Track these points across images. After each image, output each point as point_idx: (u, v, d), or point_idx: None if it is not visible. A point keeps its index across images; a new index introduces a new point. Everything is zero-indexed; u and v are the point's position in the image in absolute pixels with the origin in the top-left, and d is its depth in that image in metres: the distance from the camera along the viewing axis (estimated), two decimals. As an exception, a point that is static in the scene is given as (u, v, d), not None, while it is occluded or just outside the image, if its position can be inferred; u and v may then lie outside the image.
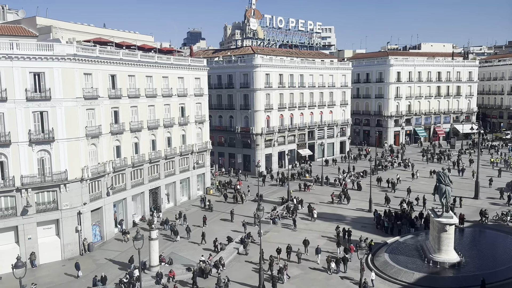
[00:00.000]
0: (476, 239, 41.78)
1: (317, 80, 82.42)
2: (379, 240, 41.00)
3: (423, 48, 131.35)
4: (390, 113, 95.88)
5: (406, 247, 39.08)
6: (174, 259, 38.52)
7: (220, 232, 44.50)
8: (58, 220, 40.14)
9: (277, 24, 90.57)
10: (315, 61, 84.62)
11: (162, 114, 53.49)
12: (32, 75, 37.93)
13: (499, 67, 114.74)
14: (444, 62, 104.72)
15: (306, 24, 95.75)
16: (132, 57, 48.55)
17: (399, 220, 44.94)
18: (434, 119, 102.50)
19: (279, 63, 75.48)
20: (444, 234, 35.01)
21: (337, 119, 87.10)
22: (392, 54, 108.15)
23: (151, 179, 52.37)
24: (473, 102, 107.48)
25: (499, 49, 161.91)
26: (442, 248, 35.14)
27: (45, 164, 39.00)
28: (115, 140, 46.17)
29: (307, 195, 57.60)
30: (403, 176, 65.53)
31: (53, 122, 38.84)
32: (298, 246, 38.80)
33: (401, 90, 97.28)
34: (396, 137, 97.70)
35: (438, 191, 36.82)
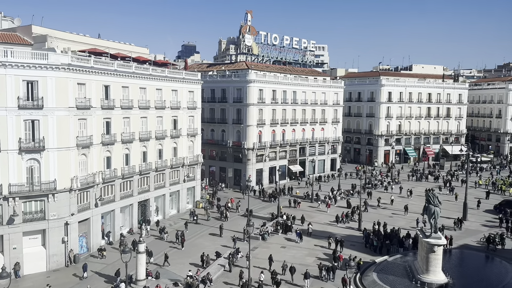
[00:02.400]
0: (464, 261, 41.86)
1: (309, 97, 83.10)
2: (367, 259, 40.87)
3: (414, 70, 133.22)
4: (380, 132, 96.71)
5: (395, 267, 38.98)
6: (161, 273, 38.08)
7: (209, 247, 44.11)
8: (44, 230, 39.56)
9: (271, 41, 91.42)
10: (308, 79, 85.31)
11: (155, 126, 53.38)
12: (25, 83, 37.73)
13: (488, 91, 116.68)
14: (434, 84, 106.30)
15: (300, 42, 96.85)
16: (126, 68, 48.56)
17: (388, 240, 44.98)
18: (423, 140, 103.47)
19: (273, 79, 76.00)
20: (432, 254, 35.04)
21: (329, 136, 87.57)
22: (384, 74, 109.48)
23: (141, 191, 51.97)
24: (463, 124, 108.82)
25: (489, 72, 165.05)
26: (430, 269, 35.13)
27: (34, 173, 38.58)
28: (106, 151, 45.90)
29: (297, 212, 57.44)
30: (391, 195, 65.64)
31: (44, 131, 38.55)
32: (287, 263, 38.41)
33: (392, 110, 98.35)
34: (386, 156, 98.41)
35: (427, 212, 36.98)
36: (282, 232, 49.99)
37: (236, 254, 41.71)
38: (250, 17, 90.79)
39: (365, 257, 41.25)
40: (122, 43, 60.71)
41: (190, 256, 42.20)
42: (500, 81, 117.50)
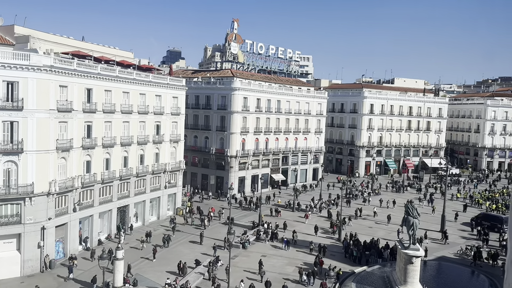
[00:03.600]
0: (441, 273, 42.28)
1: (293, 106, 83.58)
2: (347, 269, 41.01)
3: (396, 83, 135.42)
4: (362, 143, 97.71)
5: (373, 278, 39.17)
6: (139, 280, 37.51)
7: (188, 255, 43.67)
8: (20, 234, 38.67)
9: (257, 49, 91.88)
10: (293, 88, 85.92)
11: (137, 131, 52.94)
12: (5, 83, 37.04)
13: (468, 106, 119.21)
14: (415, 98, 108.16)
15: (285, 51, 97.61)
16: (110, 72, 48.14)
17: (367, 250, 45.21)
18: (404, 152, 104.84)
19: (257, 88, 76.26)
20: (410, 266, 35.28)
21: (311, 146, 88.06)
22: (367, 87, 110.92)
23: (120, 197, 51.32)
24: (442, 138, 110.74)
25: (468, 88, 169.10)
26: (408, 280, 35.34)
27: (11, 175, 37.82)
28: (86, 155, 45.27)
29: (278, 220, 57.35)
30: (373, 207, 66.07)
31: (23, 133, 37.85)
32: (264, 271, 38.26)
33: (374, 121, 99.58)
34: (367, 167, 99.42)
35: (406, 223, 37.34)
36: (269, 239, 49.87)
37: (216, 262, 41.34)
38: (236, 25, 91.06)
39: (344, 267, 41.40)
40: (107, 46, 60.08)
41: (169, 264, 41.64)
42: (479, 97, 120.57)
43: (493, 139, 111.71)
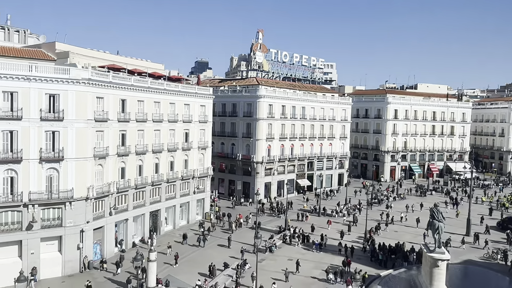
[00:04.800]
0: (468, 276, 41.56)
1: (318, 113, 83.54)
2: (372, 273, 40.79)
3: (419, 88, 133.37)
4: (387, 148, 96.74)
5: (399, 281, 38.85)
6: (171, 281, 38.25)
7: (217, 258, 44.20)
8: (61, 236, 40.14)
9: (282, 58, 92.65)
10: (317, 95, 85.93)
11: (167, 138, 54.00)
12: (48, 96, 38.72)
13: (492, 110, 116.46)
14: (439, 103, 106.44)
15: (309, 59, 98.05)
16: (142, 83, 49.52)
17: (393, 254, 44.87)
18: (428, 156, 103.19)
19: (282, 95, 76.65)
20: (436, 269, 34.97)
21: (336, 151, 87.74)
22: (390, 93, 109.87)
23: (152, 202, 52.43)
24: (466, 142, 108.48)
25: (491, 92, 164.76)
26: (434, 283, 35.00)
27: (53, 181, 39.32)
28: (121, 161, 46.59)
29: (305, 225, 57.48)
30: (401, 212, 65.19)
31: (63, 141, 39.39)
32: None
33: (398, 127, 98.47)
34: (392, 172, 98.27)
35: (431, 227, 37.04)
36: (301, 242, 50.25)
37: (244, 265, 41.84)
38: (261, 36, 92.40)
39: (370, 270, 41.19)
40: (139, 59, 61.81)
41: (199, 266, 42.32)
42: (503, 101, 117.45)
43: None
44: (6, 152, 36.92)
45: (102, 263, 41.99)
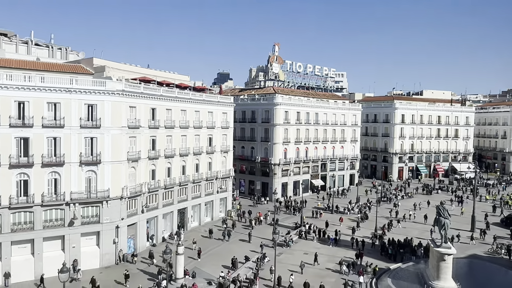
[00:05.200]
0: (473, 270, 40.48)
1: (330, 118, 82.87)
2: (383, 266, 40.16)
3: (424, 94, 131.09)
4: (395, 151, 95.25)
5: (408, 273, 38.16)
6: (198, 273, 38.42)
7: (239, 252, 44.12)
8: (99, 232, 40.76)
9: (296, 68, 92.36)
10: (329, 102, 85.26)
11: (193, 143, 54.35)
12: (87, 106, 39.49)
13: (494, 114, 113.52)
14: (443, 107, 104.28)
15: (321, 69, 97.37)
16: (170, 93, 50.02)
17: (402, 249, 44.09)
18: (434, 158, 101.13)
19: (297, 102, 76.35)
20: (442, 263, 34.21)
21: (348, 154, 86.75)
22: (397, 99, 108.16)
23: (180, 200, 52.75)
24: (470, 144, 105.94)
25: (494, 97, 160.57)
26: (440, 276, 34.25)
27: (91, 182, 40.02)
28: (151, 164, 47.07)
29: (319, 221, 57.00)
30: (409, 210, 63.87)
31: (101, 147, 40.06)
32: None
33: (405, 130, 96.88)
34: (400, 172, 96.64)
35: (437, 223, 36.29)
36: (318, 237, 49.95)
37: (263, 258, 41.71)
38: (277, 49, 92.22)
39: (380, 264, 40.57)
40: (167, 72, 62.44)
41: (223, 259, 42.39)
42: (505, 105, 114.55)
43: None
44: (51, 156, 37.79)
45: (133, 256, 42.42)
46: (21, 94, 36.41)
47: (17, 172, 36.52)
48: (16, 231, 36.80)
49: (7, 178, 36.01)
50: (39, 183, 37.37)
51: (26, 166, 36.75)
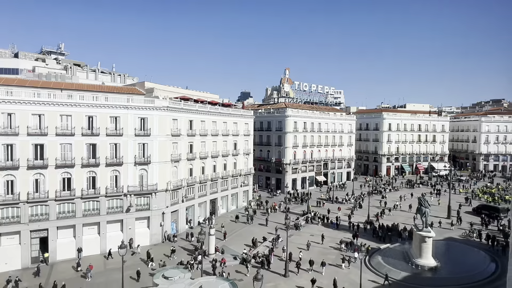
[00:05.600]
0: (449, 250, 39.23)
1: (330, 127, 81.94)
2: (374, 246, 39.25)
3: (407, 107, 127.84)
4: (383, 153, 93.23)
5: (395, 252, 37.22)
6: (226, 250, 38.41)
7: (258, 234, 44.02)
8: (149, 217, 41.21)
9: (303, 88, 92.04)
10: (329, 114, 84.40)
11: (221, 147, 54.54)
12: (140, 119, 40.18)
13: (465, 122, 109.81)
14: (423, 117, 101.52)
15: (323, 88, 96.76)
16: (203, 108, 50.42)
17: (390, 232, 43.06)
18: (416, 158, 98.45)
19: (304, 114, 75.81)
20: (424, 244, 33.34)
21: (345, 155, 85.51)
22: (385, 111, 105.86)
23: (211, 192, 52.91)
24: (446, 147, 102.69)
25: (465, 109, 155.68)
26: (422, 255, 33.38)
27: (143, 178, 40.57)
28: (189, 164, 47.45)
29: (322, 209, 56.28)
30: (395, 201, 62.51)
31: (150, 150, 40.63)
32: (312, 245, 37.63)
33: (391, 136, 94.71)
34: (387, 170, 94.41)
35: (419, 212, 35.37)
36: (322, 222, 49.19)
37: (277, 239, 41.44)
38: (287, 72, 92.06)
39: (372, 244, 39.68)
40: (202, 91, 63.11)
41: (245, 239, 42.37)
42: (475, 115, 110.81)
43: (488, 147, 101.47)
44: (112, 158, 38.61)
45: (175, 236, 42.74)
46: (90, 110, 37.44)
47: (87, 170, 37.44)
48: (87, 216, 37.67)
49: (80, 175, 36.97)
50: (103, 178, 38.19)
51: (94, 166, 37.66)
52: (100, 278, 31.76)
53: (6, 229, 33.86)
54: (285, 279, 31.39)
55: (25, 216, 34.60)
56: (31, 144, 34.67)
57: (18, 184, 34.14)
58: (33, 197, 34.68)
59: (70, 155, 36.39)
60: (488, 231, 43.73)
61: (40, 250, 35.62)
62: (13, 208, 34.25)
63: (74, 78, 54.48)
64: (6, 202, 33.68)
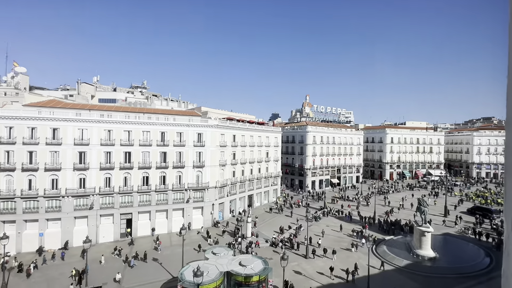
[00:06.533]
0: (447, 244, 35.58)
1: (343, 140, 79.05)
2: (380, 237, 36.69)
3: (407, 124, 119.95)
4: (387, 161, 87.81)
5: (398, 243, 34.46)
6: (259, 235, 37.92)
7: (284, 223, 42.99)
8: (202, 207, 41.64)
9: (320, 110, 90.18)
10: (341, 130, 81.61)
11: (257, 155, 54.42)
12: (197, 134, 41.38)
13: (459, 137, 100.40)
14: (420, 133, 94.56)
15: (336, 110, 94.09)
16: (243, 126, 50.76)
17: (393, 226, 40.05)
18: (415, 166, 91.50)
19: (321, 130, 73.94)
20: (423, 237, 30.58)
21: (354, 163, 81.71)
22: (388, 127, 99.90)
23: (249, 190, 52.57)
24: (441, 157, 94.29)
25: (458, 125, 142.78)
26: (422, 246, 30.61)
27: (199, 178, 41.31)
28: (232, 167, 47.65)
29: (336, 205, 53.86)
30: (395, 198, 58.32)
31: (204, 157, 41.46)
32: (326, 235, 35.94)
33: (394, 148, 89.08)
34: (390, 175, 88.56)
35: (419, 210, 32.59)
36: (337, 215, 46.90)
37: (300, 228, 40.17)
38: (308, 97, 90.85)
39: (378, 236, 37.11)
40: (243, 113, 63.94)
41: (274, 227, 41.52)
42: (467, 130, 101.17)
43: (480, 157, 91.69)
44: (177, 162, 39.91)
45: (218, 222, 42.64)
46: (163, 128, 39.32)
47: (159, 171, 39.01)
48: (158, 204, 39.04)
49: (154, 174, 38.68)
50: (171, 177, 39.50)
51: (164, 168, 39.16)
52: (167, 251, 32.71)
53: (105, 212, 36.22)
54: (306, 260, 30.23)
55: (117, 203, 36.79)
56: (123, 151, 37.09)
57: (114, 180, 36.53)
58: (123, 190, 36.85)
59: (148, 159, 38.28)
60: (482, 229, 39.16)
61: (126, 228, 37.55)
62: (110, 197, 36.64)
63: (152, 105, 57.94)
64: (106, 193, 36.16)
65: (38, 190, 33.05)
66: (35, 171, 33.04)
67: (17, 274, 26.92)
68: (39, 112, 33.65)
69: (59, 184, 33.90)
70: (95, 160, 35.47)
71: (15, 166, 32.44)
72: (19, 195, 32.46)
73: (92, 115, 35.95)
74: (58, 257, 30.49)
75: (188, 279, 19.30)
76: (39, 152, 33.26)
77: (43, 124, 33.52)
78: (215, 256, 21.98)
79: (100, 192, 35.59)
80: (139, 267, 28.41)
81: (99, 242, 35.06)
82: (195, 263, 21.88)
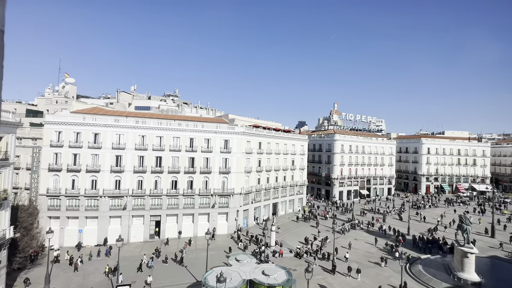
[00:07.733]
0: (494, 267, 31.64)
1: (373, 149, 75.38)
2: (414, 255, 33.86)
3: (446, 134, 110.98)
4: (422, 173, 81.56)
5: (435, 263, 31.44)
6: (283, 244, 37.10)
7: (309, 233, 41.57)
8: (227, 213, 41.82)
9: (349, 117, 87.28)
10: (372, 139, 77.97)
11: (282, 163, 53.84)
12: (224, 140, 42.10)
13: (508, 148, 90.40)
14: (462, 143, 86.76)
15: (366, 118, 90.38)
16: (269, 133, 50.68)
17: (430, 244, 36.73)
18: (455, 179, 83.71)
19: (349, 139, 71.33)
20: (466, 259, 27.53)
21: (386, 173, 77.23)
22: (424, 137, 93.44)
23: (273, 197, 52.00)
24: (487, 170, 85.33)
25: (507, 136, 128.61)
26: (465, 269, 27.51)
27: (224, 183, 41.72)
28: (258, 175, 47.51)
29: (363, 218, 51.03)
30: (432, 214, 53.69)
31: (230, 163, 41.90)
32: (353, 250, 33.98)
33: (431, 159, 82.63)
34: (427, 189, 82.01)
35: (460, 228, 29.53)
36: (367, 229, 44.52)
37: (326, 240, 38.58)
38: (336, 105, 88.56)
39: (413, 254, 34.27)
40: (269, 121, 63.99)
41: (299, 237, 40.36)
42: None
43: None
44: (204, 168, 40.78)
45: (240, 229, 42.17)
46: (192, 134, 40.69)
47: (187, 176, 40.21)
48: (185, 208, 40.04)
49: (182, 179, 39.98)
50: (198, 182, 40.43)
51: (192, 173, 40.27)
52: (192, 254, 33.31)
53: (136, 213, 38.10)
54: (332, 275, 28.81)
55: (147, 205, 38.52)
56: (154, 156, 38.99)
57: (145, 182, 38.41)
58: (153, 192, 38.57)
59: (177, 164, 39.72)
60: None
61: (155, 229, 39.04)
62: (141, 199, 38.52)
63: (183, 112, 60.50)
64: (138, 195, 38.11)
65: (80, 190, 35.84)
66: (78, 172, 35.96)
67: (68, 266, 29.15)
68: (83, 118, 36.85)
69: (98, 185, 36.46)
70: (130, 163, 37.68)
71: (61, 167, 35.64)
72: (63, 194, 35.46)
73: (128, 121, 38.45)
74: (103, 254, 32.46)
75: (211, 284, 19.39)
76: (82, 155, 36.22)
77: (86, 129, 36.58)
78: (238, 263, 21.87)
79: (133, 194, 37.58)
80: (165, 268, 29.21)
81: (130, 242, 36.79)
82: (219, 268, 21.95)
